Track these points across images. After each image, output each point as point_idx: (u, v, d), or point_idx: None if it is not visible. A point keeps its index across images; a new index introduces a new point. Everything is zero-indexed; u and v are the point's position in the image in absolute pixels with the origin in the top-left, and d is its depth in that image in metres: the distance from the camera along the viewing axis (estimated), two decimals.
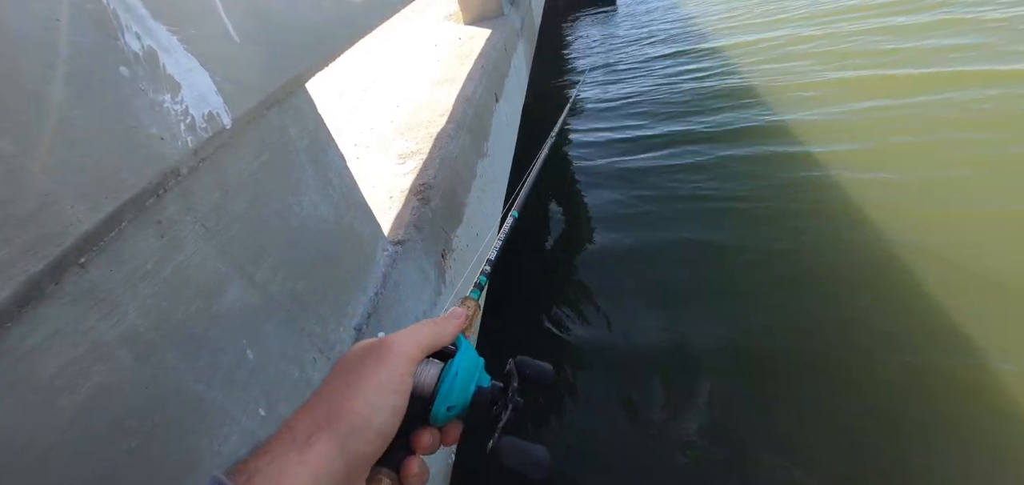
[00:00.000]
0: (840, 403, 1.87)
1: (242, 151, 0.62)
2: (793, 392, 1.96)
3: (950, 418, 1.74)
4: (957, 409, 1.75)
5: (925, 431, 1.73)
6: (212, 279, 0.56)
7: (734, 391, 2.04)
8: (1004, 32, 3.91)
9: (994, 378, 1.82)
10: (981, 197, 2.57)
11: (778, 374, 2.06)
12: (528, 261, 3.20)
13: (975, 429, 1.70)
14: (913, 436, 1.72)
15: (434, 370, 0.37)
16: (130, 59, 0.45)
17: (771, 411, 1.92)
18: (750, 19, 6.16)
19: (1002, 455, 1.62)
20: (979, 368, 1.85)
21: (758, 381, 2.06)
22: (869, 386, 1.90)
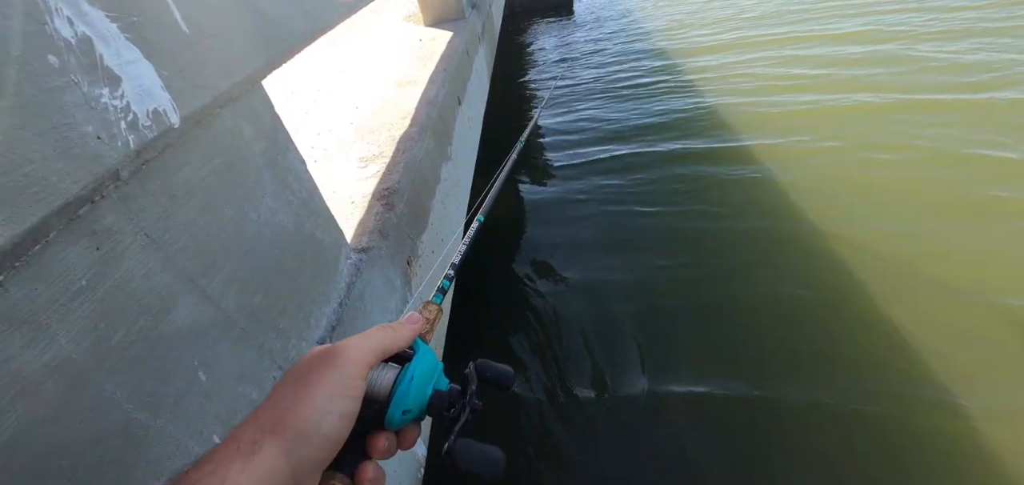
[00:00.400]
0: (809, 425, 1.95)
1: (191, 154, 0.56)
2: (767, 397, 2.07)
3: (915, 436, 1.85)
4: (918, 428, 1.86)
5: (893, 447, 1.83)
6: (158, 295, 0.50)
7: (693, 400, 2.13)
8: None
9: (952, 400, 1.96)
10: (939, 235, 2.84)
11: (773, 374, 2.18)
12: (493, 265, 3.20)
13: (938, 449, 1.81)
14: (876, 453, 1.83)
15: (391, 374, 0.38)
16: (60, 47, 0.40)
17: (739, 422, 2.00)
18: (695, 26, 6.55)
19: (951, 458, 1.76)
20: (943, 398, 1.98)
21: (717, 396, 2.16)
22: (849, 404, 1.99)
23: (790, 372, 2.07)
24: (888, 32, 4.96)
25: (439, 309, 0.52)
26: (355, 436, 0.34)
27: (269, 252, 0.70)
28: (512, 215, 3.57)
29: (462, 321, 1.94)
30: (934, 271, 2.42)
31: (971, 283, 2.33)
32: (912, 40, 4.73)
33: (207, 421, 0.56)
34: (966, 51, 4.15)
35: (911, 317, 2.24)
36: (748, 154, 3.53)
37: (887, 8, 5.53)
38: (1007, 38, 4.23)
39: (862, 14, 5.36)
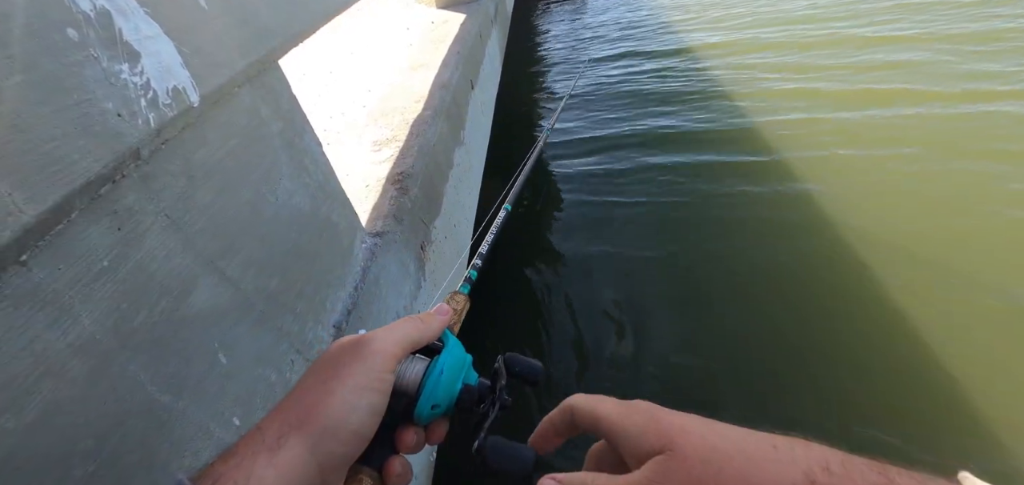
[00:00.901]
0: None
1: (210, 134, 0.55)
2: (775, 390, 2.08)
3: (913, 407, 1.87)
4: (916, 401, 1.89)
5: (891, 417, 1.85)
6: (179, 276, 0.50)
7: (709, 386, 2.14)
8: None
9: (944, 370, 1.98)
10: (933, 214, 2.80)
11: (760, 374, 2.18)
12: (517, 256, 3.20)
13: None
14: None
15: (420, 367, 0.36)
16: (79, 20, 0.39)
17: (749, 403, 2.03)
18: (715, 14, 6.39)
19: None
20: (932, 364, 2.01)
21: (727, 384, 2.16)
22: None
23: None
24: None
25: (467, 299, 0.51)
26: (383, 430, 0.33)
27: (286, 235, 0.69)
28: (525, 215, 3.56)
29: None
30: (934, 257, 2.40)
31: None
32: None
33: (227, 403, 0.56)
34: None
35: (928, 316, 2.21)
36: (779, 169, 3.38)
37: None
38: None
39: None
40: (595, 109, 4.56)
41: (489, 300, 2.91)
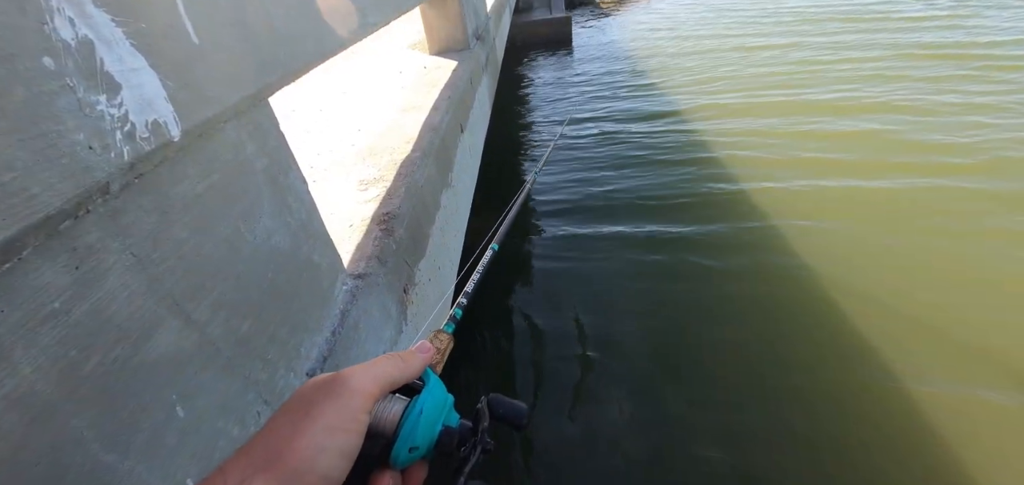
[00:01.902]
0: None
1: (189, 168, 0.53)
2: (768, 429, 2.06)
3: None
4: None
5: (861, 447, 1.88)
6: (139, 320, 0.46)
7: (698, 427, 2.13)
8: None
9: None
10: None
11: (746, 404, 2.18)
12: (503, 297, 3.18)
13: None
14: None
15: (398, 407, 0.35)
16: (58, 48, 0.37)
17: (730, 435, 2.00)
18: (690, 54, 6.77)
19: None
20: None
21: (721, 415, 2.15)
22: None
23: None
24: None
25: (451, 338, 0.49)
26: (356, 474, 0.31)
27: (263, 275, 0.66)
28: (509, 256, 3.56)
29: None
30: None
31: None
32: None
33: (182, 461, 0.51)
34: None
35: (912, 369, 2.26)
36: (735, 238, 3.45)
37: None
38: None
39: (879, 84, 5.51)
40: (578, 162, 4.70)
41: (473, 340, 2.86)
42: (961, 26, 7.09)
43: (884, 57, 6.28)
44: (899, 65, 5.98)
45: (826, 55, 6.66)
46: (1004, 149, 3.89)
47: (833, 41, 7.16)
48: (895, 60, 6.13)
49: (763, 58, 6.88)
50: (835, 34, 7.46)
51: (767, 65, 6.52)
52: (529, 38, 9.87)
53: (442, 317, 0.54)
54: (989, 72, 5.41)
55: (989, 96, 4.82)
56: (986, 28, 6.93)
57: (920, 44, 6.59)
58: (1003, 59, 5.73)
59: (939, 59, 6.00)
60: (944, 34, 6.91)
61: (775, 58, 6.81)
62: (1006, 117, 4.39)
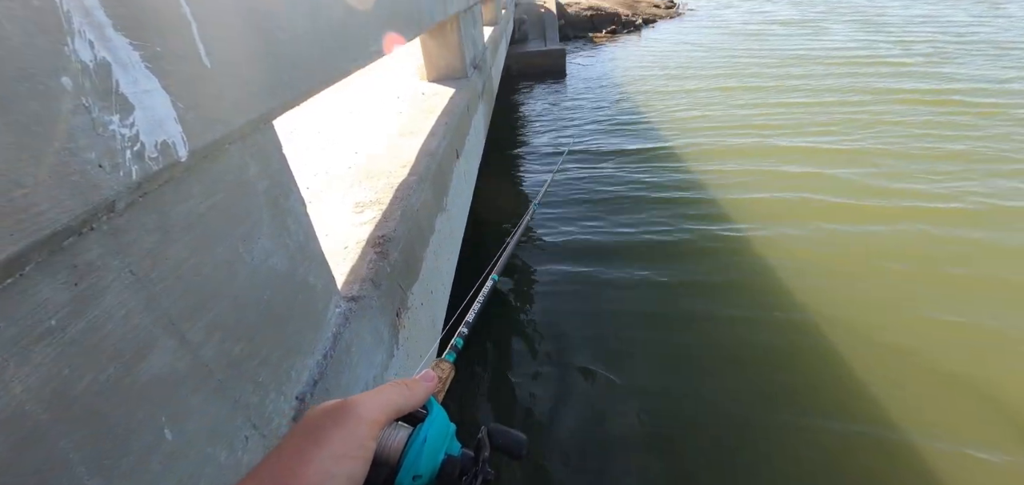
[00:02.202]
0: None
1: (193, 188, 0.53)
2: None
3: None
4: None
5: None
6: (135, 339, 0.45)
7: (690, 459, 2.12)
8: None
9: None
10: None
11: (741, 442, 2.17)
12: (500, 325, 3.16)
13: None
14: None
15: (402, 435, 0.36)
16: (76, 69, 0.38)
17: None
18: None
19: None
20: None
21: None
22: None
23: None
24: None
25: (452, 368, 0.51)
26: None
27: (259, 297, 0.65)
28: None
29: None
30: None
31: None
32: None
33: None
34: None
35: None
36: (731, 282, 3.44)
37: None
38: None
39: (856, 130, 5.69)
40: (573, 198, 4.74)
41: (472, 369, 2.83)
42: (937, 73, 7.48)
43: (865, 102, 6.55)
44: (878, 109, 6.24)
45: (810, 98, 6.91)
46: (979, 195, 4.05)
47: (820, 84, 7.46)
48: (875, 104, 6.41)
49: (747, 100, 7.13)
50: (821, 78, 7.77)
51: (750, 107, 6.75)
52: (525, 68, 10.12)
53: (433, 341, 0.54)
54: (965, 117, 5.68)
55: (964, 141, 5.05)
56: (961, 75, 7.31)
57: (900, 89, 6.90)
58: (977, 105, 6.03)
59: (916, 104, 6.29)
60: (921, 82, 7.25)
61: (758, 100, 7.06)
62: (980, 163, 4.59)
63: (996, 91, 6.53)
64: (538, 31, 12.14)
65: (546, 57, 10.23)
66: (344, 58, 0.93)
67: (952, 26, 11.46)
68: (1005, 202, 3.93)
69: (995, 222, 3.68)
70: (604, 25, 16.49)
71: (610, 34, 15.89)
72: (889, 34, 10.90)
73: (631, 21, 17.23)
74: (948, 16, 12.79)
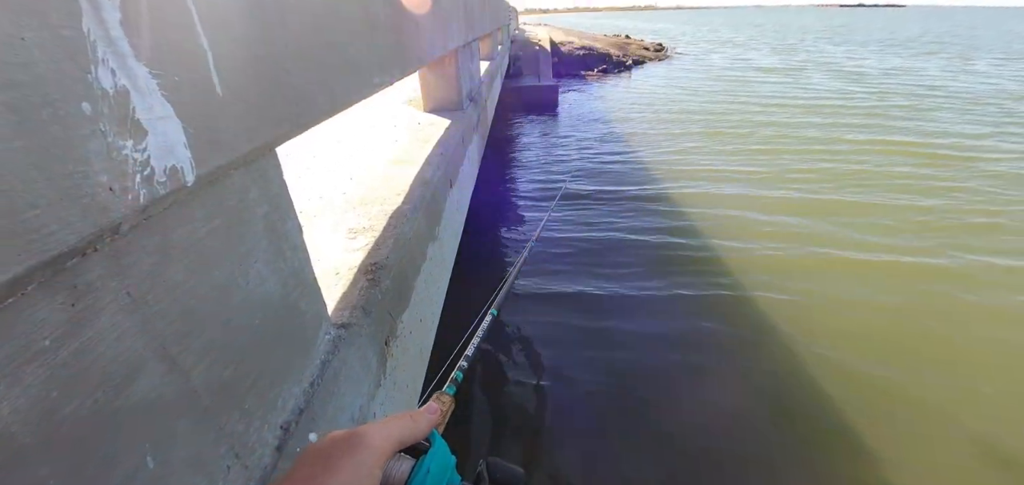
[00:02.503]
0: None
1: (195, 212, 0.54)
2: None
3: None
4: None
5: None
6: (126, 362, 0.45)
7: None
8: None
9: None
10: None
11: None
12: (495, 360, 3.13)
13: None
14: None
15: (405, 466, 0.37)
16: (97, 95, 0.39)
17: None
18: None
19: None
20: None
21: None
22: None
23: None
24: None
25: (453, 400, 0.52)
26: None
27: (250, 321, 0.65)
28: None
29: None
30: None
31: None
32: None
33: None
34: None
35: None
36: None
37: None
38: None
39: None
40: (564, 236, 4.78)
41: (471, 403, 2.78)
42: (914, 126, 7.89)
43: (845, 152, 6.84)
44: (858, 158, 6.51)
45: (793, 145, 7.19)
46: (954, 249, 4.21)
47: (802, 134, 7.77)
48: (854, 154, 6.69)
49: (731, 147, 7.38)
50: (801, 128, 8.13)
51: (734, 154, 7.00)
52: (519, 102, 10.39)
53: (421, 371, 0.55)
54: (941, 170, 5.95)
55: (942, 196, 5.28)
56: (935, 129, 7.70)
57: (881, 140, 7.23)
58: (953, 158, 6.34)
59: (894, 154, 6.59)
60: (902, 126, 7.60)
61: (742, 147, 7.32)
62: (953, 216, 4.79)
63: (969, 146, 6.91)
64: (532, 67, 12.53)
65: (539, 92, 10.53)
66: (350, 88, 0.96)
67: (926, 78, 12.18)
68: (977, 258, 4.09)
69: (971, 279, 3.81)
70: (596, 64, 17.11)
71: (601, 73, 16.45)
72: (867, 85, 11.51)
73: (621, 61, 17.91)
74: (921, 69, 13.60)
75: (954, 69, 13.61)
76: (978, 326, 3.24)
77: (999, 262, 3.98)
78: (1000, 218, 4.72)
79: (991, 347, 3.03)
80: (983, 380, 2.78)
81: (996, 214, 4.80)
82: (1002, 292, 3.57)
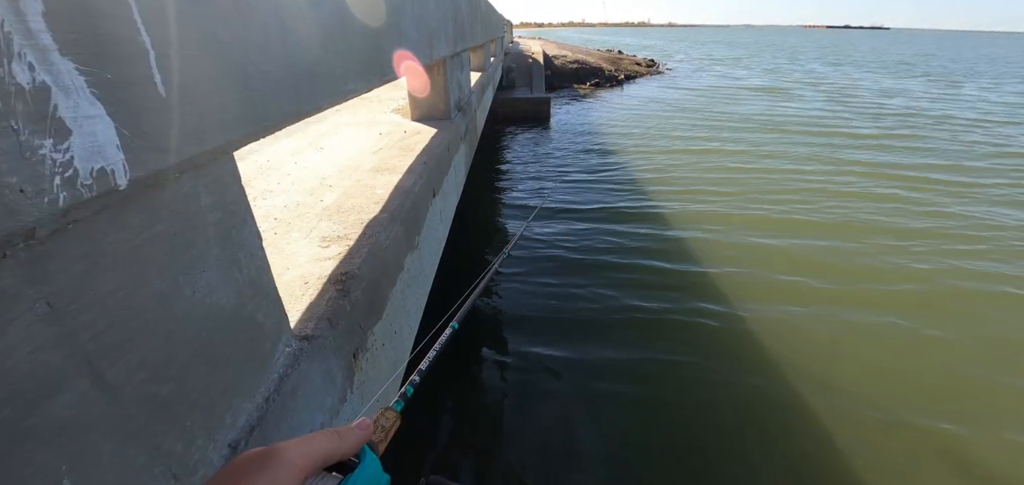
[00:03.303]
0: None
1: (131, 218, 0.51)
2: None
3: None
4: None
5: None
6: (41, 376, 0.42)
7: None
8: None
9: None
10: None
11: None
12: (459, 379, 3.06)
13: None
14: None
15: (330, 484, 0.35)
16: (8, 92, 0.36)
17: None
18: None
19: None
20: None
21: None
22: None
23: None
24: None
25: (398, 417, 0.49)
26: None
27: (196, 334, 0.62)
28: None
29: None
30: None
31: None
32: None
33: None
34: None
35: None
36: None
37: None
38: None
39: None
40: (542, 255, 4.71)
41: (424, 418, 2.71)
42: (907, 148, 8.05)
43: (836, 173, 6.93)
44: (848, 180, 6.60)
45: (787, 163, 7.26)
46: (943, 275, 4.25)
47: (796, 152, 7.86)
48: (844, 176, 6.78)
49: (722, 163, 7.45)
50: (793, 147, 8.23)
51: (725, 171, 7.05)
52: (511, 113, 10.44)
53: (396, 385, 0.52)
54: (930, 195, 6.04)
55: (932, 219, 5.37)
56: (926, 150, 7.87)
57: (874, 163, 7.34)
58: (944, 183, 6.45)
59: (885, 179, 6.71)
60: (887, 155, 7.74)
61: (734, 163, 7.41)
62: (943, 241, 4.85)
63: (964, 168, 7.03)
64: (525, 79, 12.63)
65: (532, 104, 10.60)
66: (317, 94, 0.93)
67: (920, 101, 12.52)
68: (963, 283, 4.12)
69: (959, 308, 3.81)
70: (588, 78, 17.31)
71: (593, 87, 16.64)
72: (862, 108, 11.72)
73: (614, 76, 18.15)
74: (913, 91, 14.00)
75: (944, 93, 14.05)
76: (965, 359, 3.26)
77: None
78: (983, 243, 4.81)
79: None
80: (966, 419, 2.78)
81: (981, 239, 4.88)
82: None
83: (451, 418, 2.81)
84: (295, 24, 0.83)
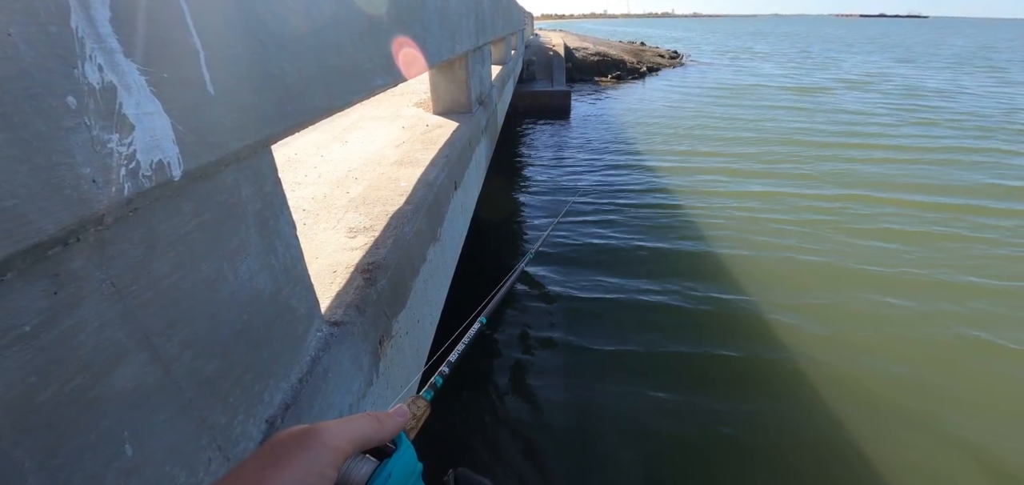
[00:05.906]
0: None
1: (183, 206, 0.55)
2: None
3: None
4: None
5: None
6: (106, 351, 0.46)
7: None
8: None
9: None
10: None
11: None
12: (483, 370, 3.09)
13: None
14: None
15: (367, 468, 0.35)
16: (82, 90, 0.40)
17: None
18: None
19: None
20: None
21: None
22: None
23: None
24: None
25: (428, 406, 0.51)
26: None
27: (238, 316, 0.66)
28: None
29: None
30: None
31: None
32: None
33: None
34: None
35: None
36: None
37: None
38: None
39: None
40: (572, 247, 4.67)
41: (451, 411, 2.77)
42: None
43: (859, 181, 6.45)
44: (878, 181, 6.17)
45: (808, 174, 6.81)
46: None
47: (817, 167, 7.12)
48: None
49: (751, 166, 7.06)
50: (808, 162, 7.42)
51: (753, 175, 6.61)
52: (531, 106, 10.40)
53: (417, 372, 0.55)
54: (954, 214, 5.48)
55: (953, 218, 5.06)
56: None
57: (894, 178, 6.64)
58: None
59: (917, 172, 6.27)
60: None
61: (762, 158, 7.09)
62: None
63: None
64: (546, 72, 12.55)
65: (552, 97, 10.53)
66: (349, 89, 0.97)
67: (966, 99, 11.42)
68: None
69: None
70: (609, 70, 17.06)
71: (615, 79, 16.39)
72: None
73: (636, 68, 17.83)
74: (961, 84, 12.89)
75: (993, 86, 12.85)
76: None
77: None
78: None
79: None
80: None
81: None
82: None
83: (474, 412, 2.86)
84: (329, 25, 0.87)
